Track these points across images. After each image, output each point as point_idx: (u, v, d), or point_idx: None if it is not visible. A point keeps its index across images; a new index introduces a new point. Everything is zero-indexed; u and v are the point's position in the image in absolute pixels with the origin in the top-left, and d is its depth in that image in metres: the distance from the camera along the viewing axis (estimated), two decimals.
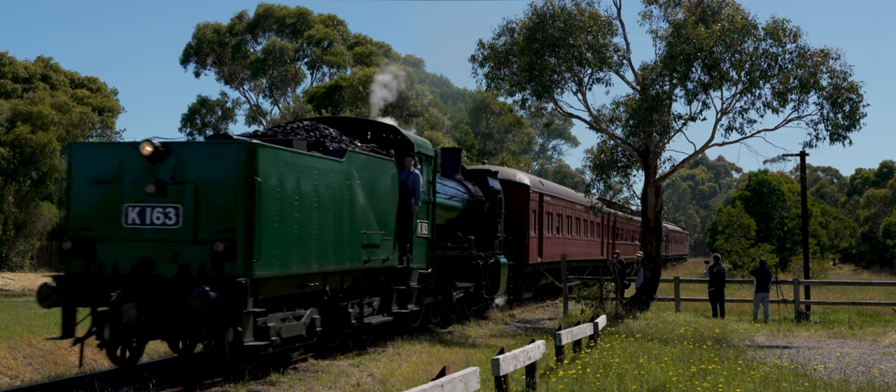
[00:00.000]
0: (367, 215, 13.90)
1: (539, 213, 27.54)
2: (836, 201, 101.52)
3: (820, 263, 49.23)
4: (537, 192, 27.61)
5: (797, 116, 21.87)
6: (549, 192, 29.84)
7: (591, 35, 21.72)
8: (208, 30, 63.56)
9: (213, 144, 11.75)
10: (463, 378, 7.70)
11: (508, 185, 24.92)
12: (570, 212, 33.04)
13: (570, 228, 33.14)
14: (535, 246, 26.87)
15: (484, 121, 73.12)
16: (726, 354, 13.83)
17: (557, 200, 30.80)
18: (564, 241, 31.74)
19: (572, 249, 32.75)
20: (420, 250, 16.53)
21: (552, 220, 29.63)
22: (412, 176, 15.84)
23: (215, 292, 10.28)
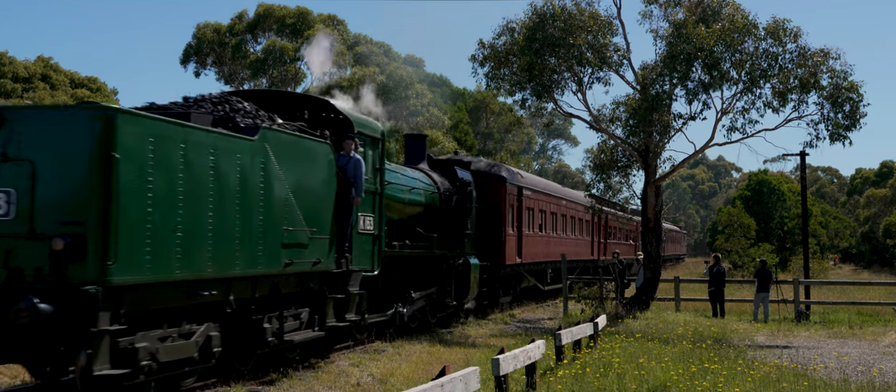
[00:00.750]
0: (290, 208, 11.37)
1: (518, 209, 24.94)
2: (836, 201, 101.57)
3: (820, 263, 49.24)
4: (516, 186, 24.91)
5: (797, 116, 21.89)
6: (531, 186, 27.16)
7: (591, 35, 21.71)
8: (208, 30, 63.56)
9: (58, 110, 8.98)
10: (463, 378, 7.70)
11: (482, 177, 22.76)
12: (555, 208, 30.47)
13: (555, 226, 30.50)
14: (513, 245, 24.25)
15: (484, 121, 73.12)
16: (726, 354, 13.82)
17: (540, 195, 28.17)
18: (549, 240, 29.30)
19: (558, 249, 30.20)
20: (363, 249, 14.10)
21: (534, 216, 27.01)
22: (353, 162, 13.49)
23: (50, 304, 8.08)
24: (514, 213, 24.41)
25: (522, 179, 26.01)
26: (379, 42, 70.00)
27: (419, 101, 42.60)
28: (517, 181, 25.14)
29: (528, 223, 26.23)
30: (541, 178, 32.72)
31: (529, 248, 26.07)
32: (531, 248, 26.29)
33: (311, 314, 12.54)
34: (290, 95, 15.09)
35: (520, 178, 25.69)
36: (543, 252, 27.89)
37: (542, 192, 28.62)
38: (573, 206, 33.41)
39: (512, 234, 24.07)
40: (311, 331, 12.48)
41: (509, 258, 23.74)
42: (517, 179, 25.21)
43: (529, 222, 26.38)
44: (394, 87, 42.25)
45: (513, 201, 24.33)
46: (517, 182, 25.07)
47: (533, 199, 26.89)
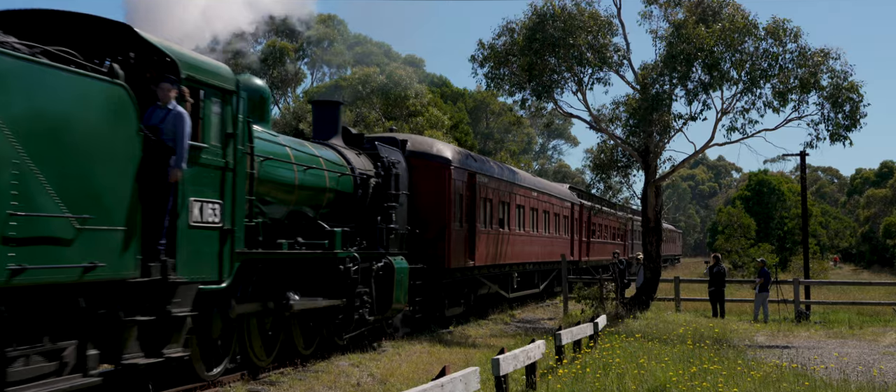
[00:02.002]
0: (25, 180, 7.34)
1: (470, 200, 20.72)
2: (836, 201, 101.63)
3: (820, 264, 49.27)
4: (465, 171, 20.58)
5: (797, 116, 21.89)
6: (489, 172, 22.77)
7: (591, 35, 21.71)
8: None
9: None
10: (463, 378, 7.70)
11: (420, 159, 18.92)
12: (522, 200, 25.94)
13: (522, 221, 26.01)
14: (460, 244, 19.88)
15: (484, 121, 73.12)
16: (726, 354, 13.82)
17: (501, 184, 23.69)
18: (515, 239, 24.89)
19: (528, 249, 26.25)
20: (201, 250, 9.97)
21: (492, 209, 22.60)
22: (172, 117, 9.46)
23: None
24: (463, 204, 20.12)
25: (475, 163, 21.75)
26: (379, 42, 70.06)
27: (419, 101, 42.58)
28: (468, 165, 20.94)
29: (485, 217, 21.92)
30: (505, 165, 27.44)
31: (486, 247, 21.80)
32: (488, 247, 22.06)
33: (93, 347, 8.30)
34: (70, 17, 9.67)
35: (472, 163, 21.48)
36: (507, 252, 23.88)
37: (505, 181, 24.18)
38: (549, 199, 29.56)
39: (459, 230, 19.80)
40: (82, 376, 8.10)
41: (455, 260, 19.34)
42: (468, 163, 21.04)
43: (486, 216, 22.03)
44: (394, 87, 42.23)
45: (462, 190, 20.15)
46: (468, 166, 20.90)
47: (492, 189, 22.56)
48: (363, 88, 42.48)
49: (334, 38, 62.95)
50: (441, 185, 19.20)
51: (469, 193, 20.69)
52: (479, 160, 22.70)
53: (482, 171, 22.05)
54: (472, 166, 21.26)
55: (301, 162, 13.38)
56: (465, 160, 21.01)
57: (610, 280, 24.59)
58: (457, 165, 19.91)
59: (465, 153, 21.70)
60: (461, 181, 20.12)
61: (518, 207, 25.43)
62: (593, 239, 38.20)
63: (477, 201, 21.03)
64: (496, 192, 23.05)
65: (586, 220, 36.50)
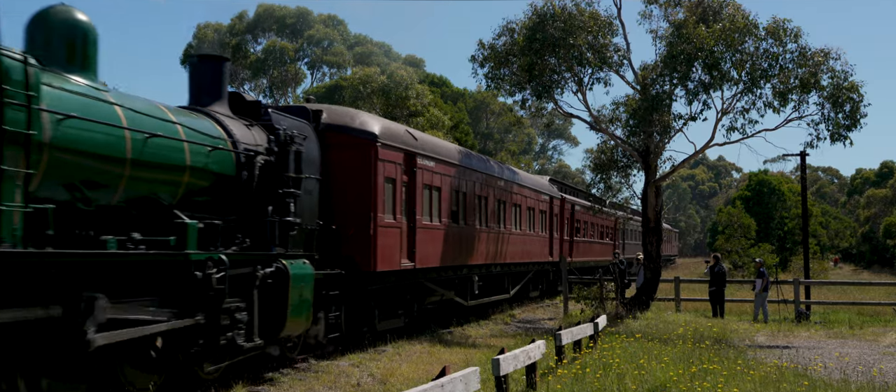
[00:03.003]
0: None
1: (409, 187, 16.98)
2: (836, 201, 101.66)
3: (820, 264, 49.30)
4: (400, 150, 16.54)
5: (798, 116, 21.90)
6: (434, 154, 18.57)
7: (592, 35, 21.72)
8: (209, 30, 63.59)
9: None
10: (463, 378, 7.70)
11: (337, 134, 15.17)
12: (485, 190, 21.97)
13: (484, 215, 21.95)
14: (393, 242, 16.09)
15: (484, 121, 73.14)
16: (726, 354, 13.82)
17: (455, 169, 19.68)
18: (473, 236, 20.84)
19: (492, 248, 22.57)
20: None
21: (441, 200, 18.76)
22: None
23: None
24: (398, 192, 16.40)
25: (418, 143, 17.74)
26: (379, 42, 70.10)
27: (420, 101, 42.61)
28: (405, 144, 16.94)
29: (431, 210, 18.20)
30: (461, 148, 22.83)
31: (432, 246, 18.13)
32: (435, 246, 18.33)
33: None
34: None
35: (411, 141, 17.37)
36: (464, 252, 20.28)
37: (460, 167, 20.11)
38: (521, 190, 25.64)
39: (392, 224, 16.06)
40: None
41: (385, 261, 15.63)
42: (406, 141, 17.03)
43: (432, 209, 18.26)
44: (394, 87, 42.24)
45: (396, 174, 16.35)
46: (406, 145, 16.94)
47: (440, 175, 18.62)
48: (363, 88, 42.49)
49: (334, 38, 62.99)
50: (364, 167, 15.20)
51: (407, 179, 16.77)
52: (421, 139, 18.32)
53: (425, 151, 17.85)
54: (410, 145, 17.07)
55: (139, 128, 9.69)
56: (402, 137, 16.86)
57: (610, 280, 24.59)
58: (386, 143, 15.81)
59: (401, 129, 17.57)
60: (395, 163, 16.17)
61: (479, 199, 21.55)
62: (578, 238, 34.57)
63: (417, 189, 17.15)
64: (447, 180, 19.10)
65: (569, 216, 32.90)
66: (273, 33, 65.75)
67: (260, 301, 11.30)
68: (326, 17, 66.84)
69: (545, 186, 30.05)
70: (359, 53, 64.33)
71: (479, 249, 21.40)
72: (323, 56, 62.88)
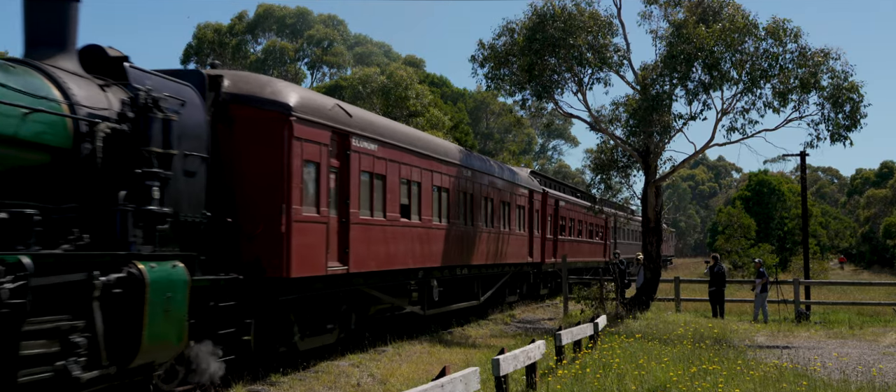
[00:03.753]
0: None
1: (341, 174, 14.00)
2: (836, 201, 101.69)
3: (820, 264, 49.30)
4: (327, 128, 13.47)
5: (798, 116, 21.91)
6: (376, 134, 15.44)
7: (591, 35, 21.73)
8: (209, 30, 63.63)
9: None
10: (463, 378, 7.70)
11: (241, 106, 12.32)
12: (445, 180, 19.09)
13: (444, 210, 18.97)
14: (317, 240, 13.07)
15: (484, 121, 73.15)
16: (726, 354, 13.82)
17: (404, 154, 16.70)
18: (430, 234, 17.97)
19: (456, 248, 19.65)
20: None
21: (385, 190, 15.73)
22: None
23: None
24: (323, 180, 13.32)
25: (352, 120, 14.58)
26: (379, 42, 70.12)
27: (419, 101, 42.63)
28: (334, 120, 13.75)
29: (372, 202, 15.22)
30: (419, 132, 20.09)
31: (372, 245, 15.05)
32: (377, 245, 15.25)
33: None
34: None
35: (343, 117, 14.20)
36: (419, 252, 17.29)
37: (410, 151, 17.09)
38: (491, 180, 22.67)
39: (314, 218, 12.97)
40: None
41: (304, 265, 12.60)
42: (333, 117, 13.78)
43: (373, 200, 15.27)
44: (394, 87, 42.26)
45: (318, 155, 13.15)
46: (335, 122, 13.76)
47: (383, 161, 15.66)
48: (363, 89, 42.50)
49: (334, 38, 63.02)
50: (275, 147, 12.30)
51: (338, 165, 13.93)
52: (359, 117, 15.07)
53: (365, 132, 14.84)
54: (342, 123, 14.03)
55: None
56: (330, 113, 13.70)
57: (610, 280, 24.59)
58: (306, 118, 12.77)
59: (330, 103, 14.21)
60: (319, 144, 13.16)
61: (439, 191, 18.73)
62: (564, 237, 31.58)
63: (352, 177, 14.23)
64: (395, 168, 16.17)
65: (553, 213, 29.87)
66: (273, 33, 65.77)
67: (105, 317, 8.55)
68: (326, 17, 66.86)
69: (523, 179, 26.81)
70: (359, 53, 64.36)
71: (439, 250, 18.47)
72: (323, 56, 62.89)
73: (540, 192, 28.54)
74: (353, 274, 14.29)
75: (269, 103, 12.49)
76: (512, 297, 26.13)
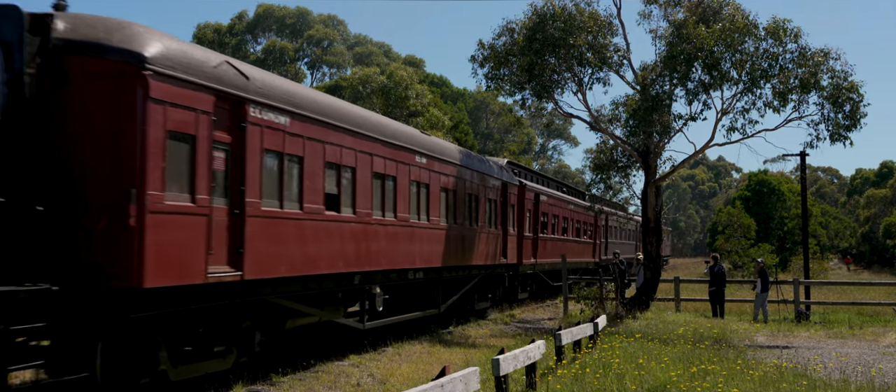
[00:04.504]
0: None
1: (233, 152, 11.02)
2: (836, 201, 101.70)
3: (820, 264, 49.32)
4: (205, 89, 10.37)
5: (798, 116, 21.92)
6: (289, 104, 12.30)
7: (591, 35, 21.74)
8: (208, 29, 63.63)
9: None
10: (463, 378, 7.70)
11: (79, 56, 9.48)
12: (390, 167, 15.87)
13: (387, 202, 15.76)
14: (187, 237, 10.04)
15: (484, 121, 73.16)
16: (726, 354, 13.83)
17: (326, 131, 13.31)
18: (357, 228, 14.38)
19: (403, 247, 16.45)
20: None
21: (302, 176, 12.67)
22: None
23: None
24: (200, 157, 10.27)
25: (255, 85, 11.53)
26: (379, 42, 70.14)
27: (419, 101, 42.65)
28: (220, 82, 10.68)
29: (282, 189, 12.06)
30: (354, 107, 15.94)
31: (283, 244, 12.08)
32: (289, 244, 12.25)
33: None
34: None
35: (238, 80, 11.17)
36: (350, 254, 14.08)
37: (340, 129, 13.79)
38: (455, 171, 19.65)
39: (185, 208, 9.97)
40: None
41: (163, 270, 9.61)
42: (219, 77, 10.70)
43: (284, 187, 12.08)
44: (394, 87, 42.29)
45: (193, 125, 10.13)
46: (220, 84, 10.68)
47: (299, 139, 12.55)
48: (363, 89, 42.52)
49: (334, 38, 63.05)
50: (121, 112, 9.36)
51: (230, 140, 10.89)
52: (263, 81, 11.81)
53: (265, 98, 11.61)
54: (234, 87, 10.95)
55: None
56: (212, 72, 10.55)
57: (610, 280, 24.59)
58: (171, 74, 9.71)
59: (215, 59, 10.90)
60: (196, 112, 10.10)
61: (381, 179, 15.57)
62: (546, 235, 28.75)
63: (249, 156, 11.17)
64: (317, 148, 12.99)
65: (532, 208, 26.97)
66: (273, 33, 65.80)
67: None
68: (326, 17, 66.90)
69: (495, 169, 23.46)
70: (359, 53, 64.37)
71: (382, 250, 15.37)
72: (323, 56, 62.92)
73: (515, 184, 25.42)
74: (252, 281, 11.19)
75: (116, 52, 9.43)
76: (483, 303, 22.95)
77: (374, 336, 16.37)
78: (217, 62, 10.87)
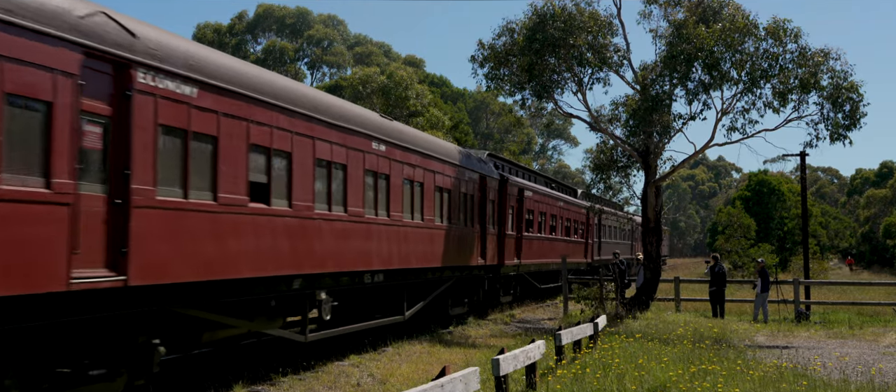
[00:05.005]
0: None
1: (116, 125, 8.98)
2: (836, 201, 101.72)
3: (820, 264, 49.34)
4: (52, 40, 8.07)
5: (798, 116, 21.91)
6: (180, 64, 9.90)
7: (591, 35, 21.73)
8: (208, 30, 63.63)
9: None
10: (463, 378, 7.70)
11: None
12: (327, 150, 13.45)
13: (329, 193, 13.46)
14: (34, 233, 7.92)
15: (484, 121, 73.16)
16: (726, 354, 13.83)
17: (254, 109, 11.39)
18: (295, 223, 12.32)
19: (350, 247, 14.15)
20: None
21: (216, 159, 10.55)
22: None
23: None
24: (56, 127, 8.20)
25: (145, 44, 9.43)
26: (379, 42, 70.16)
27: (419, 101, 42.65)
28: (88, 33, 8.64)
29: (186, 174, 10.04)
30: (272, 75, 12.74)
31: (191, 240, 10.07)
32: (199, 241, 10.22)
33: None
34: None
35: (113, 32, 9.02)
36: (285, 253, 12.04)
37: (272, 107, 11.80)
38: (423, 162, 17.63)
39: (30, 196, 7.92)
40: None
41: None
42: (88, 27, 8.67)
43: (188, 171, 10.06)
44: (394, 87, 42.30)
45: (40, 87, 8.05)
46: (88, 37, 8.62)
47: (213, 115, 10.48)
48: (363, 89, 42.53)
49: (334, 38, 63.08)
50: None
51: (107, 110, 8.91)
52: (150, 38, 9.58)
53: (160, 61, 9.51)
54: (111, 42, 8.93)
55: None
56: (83, 23, 8.62)
57: (610, 280, 24.58)
58: (3, 18, 7.68)
59: (86, 7, 8.85)
60: (52, 72, 8.15)
61: (327, 166, 13.42)
62: (531, 233, 26.60)
63: (136, 132, 9.12)
64: (236, 127, 10.90)
65: (516, 204, 24.79)
66: (273, 33, 65.81)
67: None
68: (326, 17, 66.93)
69: (472, 161, 21.62)
70: (359, 53, 64.38)
71: (330, 250, 13.35)
72: (323, 56, 62.95)
73: (496, 177, 23.19)
74: (142, 288, 9.14)
75: None
76: (458, 308, 20.90)
77: (318, 349, 14.59)
78: (87, 11, 8.67)
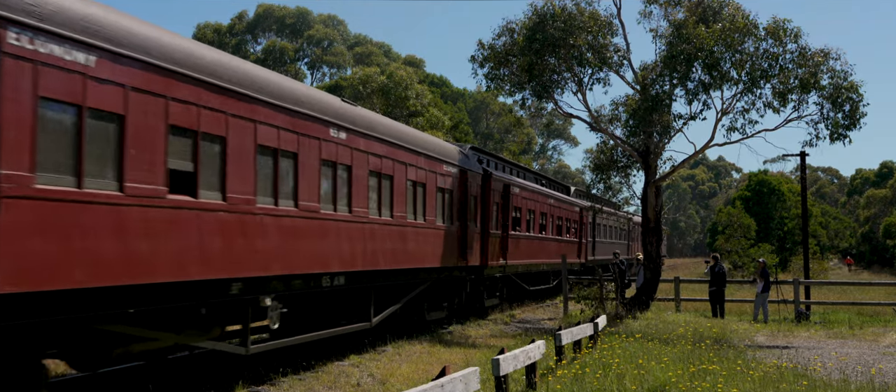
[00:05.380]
0: None
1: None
2: (836, 201, 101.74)
3: (820, 264, 49.35)
4: None
5: (797, 116, 21.90)
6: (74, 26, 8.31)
7: (591, 35, 21.72)
8: (209, 30, 63.63)
9: None
10: (463, 378, 7.70)
11: None
12: (272, 135, 11.78)
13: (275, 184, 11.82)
14: None
15: (484, 121, 73.17)
16: (726, 354, 13.83)
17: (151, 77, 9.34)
18: (226, 222, 10.67)
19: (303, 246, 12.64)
20: None
21: (122, 142, 8.92)
22: None
23: None
24: None
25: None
26: (379, 42, 70.17)
27: (419, 101, 42.65)
28: None
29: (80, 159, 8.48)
30: (199, 46, 11.10)
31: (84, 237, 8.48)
32: (102, 238, 8.74)
33: None
34: None
35: None
36: (213, 251, 10.46)
37: (191, 81, 10.04)
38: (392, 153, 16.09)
39: None
40: None
41: None
42: None
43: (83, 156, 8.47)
44: (394, 87, 42.31)
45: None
46: None
47: (111, 86, 8.80)
48: (363, 89, 42.54)
49: (334, 38, 63.10)
50: None
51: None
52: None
53: (39, 18, 7.96)
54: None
55: None
56: None
57: (610, 280, 24.58)
58: None
59: None
60: None
61: (273, 154, 11.78)
62: (519, 232, 25.09)
63: (4, 103, 7.59)
64: (151, 103, 9.39)
65: (501, 201, 23.25)
66: (273, 33, 65.83)
67: None
68: (326, 17, 66.95)
69: (449, 153, 19.92)
70: (359, 53, 64.39)
71: (274, 249, 11.72)
72: (323, 56, 62.97)
73: (479, 172, 21.67)
74: (18, 296, 7.68)
75: None
76: (436, 312, 19.50)
77: (264, 362, 13.10)
78: None
